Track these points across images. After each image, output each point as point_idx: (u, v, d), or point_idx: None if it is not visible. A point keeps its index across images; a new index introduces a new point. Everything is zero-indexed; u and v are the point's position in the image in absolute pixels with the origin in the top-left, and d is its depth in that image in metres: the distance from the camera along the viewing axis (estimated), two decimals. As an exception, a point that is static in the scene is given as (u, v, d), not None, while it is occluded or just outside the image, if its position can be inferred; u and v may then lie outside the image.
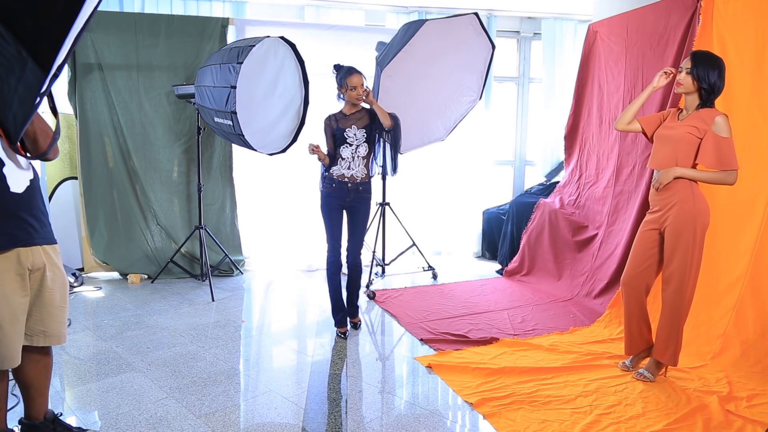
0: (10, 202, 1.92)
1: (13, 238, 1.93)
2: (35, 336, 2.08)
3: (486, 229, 5.90)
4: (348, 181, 3.48)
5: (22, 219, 1.95)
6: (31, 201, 1.98)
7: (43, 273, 2.04)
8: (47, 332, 2.09)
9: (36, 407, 2.21)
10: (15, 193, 1.92)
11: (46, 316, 2.08)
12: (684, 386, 2.87)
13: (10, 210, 1.92)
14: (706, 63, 2.74)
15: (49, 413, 2.24)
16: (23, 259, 1.96)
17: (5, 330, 1.92)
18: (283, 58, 3.82)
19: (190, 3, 5.04)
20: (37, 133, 1.92)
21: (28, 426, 2.22)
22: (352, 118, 3.50)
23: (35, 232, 1.99)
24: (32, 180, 2.00)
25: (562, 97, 5.74)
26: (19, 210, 1.94)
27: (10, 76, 1.47)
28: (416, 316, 3.98)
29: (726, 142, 2.71)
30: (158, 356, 3.26)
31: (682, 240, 2.80)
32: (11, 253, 1.93)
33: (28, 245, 1.97)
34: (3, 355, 1.94)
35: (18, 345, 1.98)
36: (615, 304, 3.80)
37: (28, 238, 1.97)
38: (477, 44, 4.39)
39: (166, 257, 4.85)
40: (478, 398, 2.73)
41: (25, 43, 1.42)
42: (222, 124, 3.69)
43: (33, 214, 1.98)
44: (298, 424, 2.55)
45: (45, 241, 2.04)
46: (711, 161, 2.74)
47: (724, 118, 2.72)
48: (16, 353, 1.98)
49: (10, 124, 1.55)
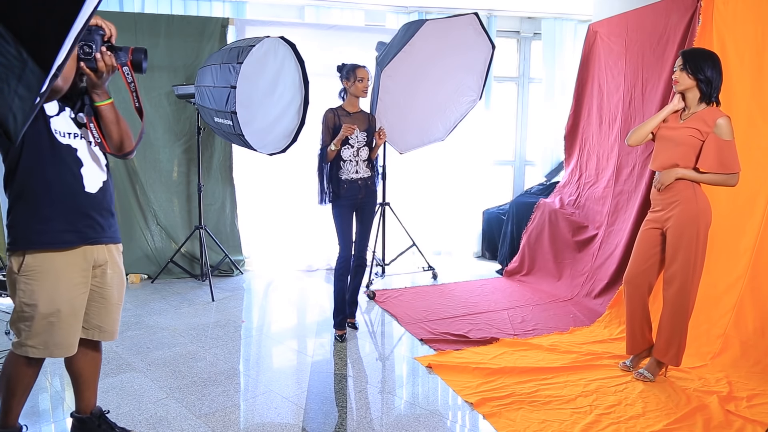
0: (83, 202, 2.01)
1: (82, 235, 2.01)
2: (91, 330, 2.16)
3: (486, 229, 5.90)
4: (358, 180, 3.49)
5: (92, 218, 2.04)
6: (102, 201, 2.07)
7: (104, 270, 2.12)
8: (103, 328, 2.18)
9: (84, 400, 2.27)
10: (89, 193, 2.02)
11: (104, 312, 2.16)
12: (684, 386, 2.87)
13: (83, 209, 2.01)
14: (698, 57, 2.75)
15: (96, 409, 2.30)
16: (88, 255, 2.05)
17: (64, 319, 2.00)
18: (283, 58, 3.82)
19: (190, 3, 5.04)
20: (123, 136, 2.06)
21: (77, 419, 2.29)
22: (354, 119, 3.48)
23: (102, 231, 2.08)
24: (105, 181, 2.09)
25: (562, 97, 5.74)
26: (90, 209, 2.03)
27: (10, 76, 1.47)
28: (416, 316, 3.98)
29: (728, 145, 2.70)
30: (158, 356, 3.26)
31: (684, 240, 2.80)
32: (78, 250, 2.02)
33: (95, 243, 2.06)
34: (58, 342, 2.01)
35: (75, 336, 2.06)
36: (615, 304, 3.80)
37: (96, 236, 2.06)
38: (477, 44, 4.39)
39: (166, 257, 4.85)
40: (478, 398, 2.73)
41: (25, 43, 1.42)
42: (222, 124, 3.69)
43: (102, 214, 2.07)
44: (298, 424, 2.55)
45: (110, 240, 2.13)
46: (712, 164, 2.72)
47: (726, 120, 2.70)
48: (72, 343, 2.06)
49: (10, 125, 1.55)
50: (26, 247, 1.95)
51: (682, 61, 2.78)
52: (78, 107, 2.02)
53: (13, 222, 1.97)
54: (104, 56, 1.88)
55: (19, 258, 1.96)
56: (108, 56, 1.89)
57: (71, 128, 2.01)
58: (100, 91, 1.98)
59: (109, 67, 1.91)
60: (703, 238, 2.81)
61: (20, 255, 1.96)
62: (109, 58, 1.90)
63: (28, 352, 2.00)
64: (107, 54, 1.89)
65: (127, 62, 1.94)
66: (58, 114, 1.97)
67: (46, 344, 2.00)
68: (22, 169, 1.93)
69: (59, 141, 1.96)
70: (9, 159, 1.93)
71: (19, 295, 1.97)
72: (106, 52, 1.89)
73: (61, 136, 1.97)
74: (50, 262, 1.97)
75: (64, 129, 1.98)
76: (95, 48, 1.86)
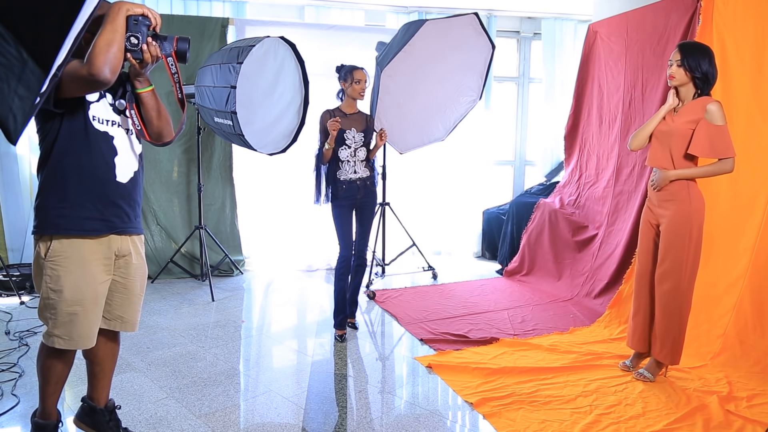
0: (113, 191, 2.01)
1: (109, 224, 2.01)
2: (114, 320, 2.15)
3: (486, 229, 5.90)
4: (356, 180, 3.49)
5: (121, 207, 2.04)
6: (132, 191, 2.07)
7: (128, 261, 2.12)
8: (125, 318, 2.17)
9: (99, 390, 2.26)
10: (120, 183, 2.02)
11: (126, 302, 2.16)
12: (684, 386, 2.87)
13: (112, 198, 2.01)
14: (696, 52, 2.73)
15: (110, 403, 2.30)
16: (113, 245, 2.05)
17: (87, 310, 2.00)
18: (283, 58, 3.82)
19: (190, 3, 5.04)
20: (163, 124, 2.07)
21: (89, 406, 2.28)
22: (351, 120, 3.50)
23: (129, 221, 2.08)
24: (136, 172, 2.08)
25: (562, 97, 5.74)
26: (119, 199, 2.03)
27: (10, 76, 1.47)
28: (416, 316, 3.98)
29: (719, 129, 2.68)
30: (158, 356, 3.26)
31: (677, 239, 2.80)
32: (104, 239, 2.02)
33: (121, 233, 2.06)
34: (81, 334, 2.01)
35: (95, 327, 2.05)
36: (615, 304, 3.80)
37: (123, 226, 2.05)
38: (477, 44, 4.38)
39: (166, 257, 4.84)
40: (478, 398, 2.73)
41: (25, 43, 1.42)
42: (222, 124, 3.69)
43: (130, 204, 2.07)
44: (298, 424, 2.55)
45: (135, 230, 2.13)
46: (704, 150, 2.71)
47: (717, 105, 2.70)
48: (93, 334, 2.05)
49: (10, 125, 1.55)
50: (53, 231, 1.95)
51: (680, 55, 2.74)
52: (119, 94, 2.00)
53: (42, 205, 1.96)
54: (150, 47, 1.87)
55: (47, 243, 1.95)
56: (154, 47, 1.88)
57: (110, 115, 1.99)
58: (142, 78, 1.97)
59: (154, 58, 1.89)
60: (696, 238, 2.81)
61: (47, 240, 1.95)
62: (154, 48, 1.88)
63: (55, 342, 1.99)
64: (153, 44, 1.88)
65: (172, 52, 1.92)
66: (98, 100, 1.96)
67: (71, 335, 1.99)
68: (56, 153, 1.92)
69: (96, 128, 1.95)
70: (45, 142, 1.93)
71: (46, 281, 1.96)
72: (152, 42, 1.88)
73: (99, 123, 1.96)
74: (77, 249, 1.96)
75: (102, 116, 1.97)
76: (141, 39, 1.84)
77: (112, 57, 1.73)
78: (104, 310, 2.11)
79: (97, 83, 1.74)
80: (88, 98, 1.92)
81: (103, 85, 1.76)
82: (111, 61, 1.73)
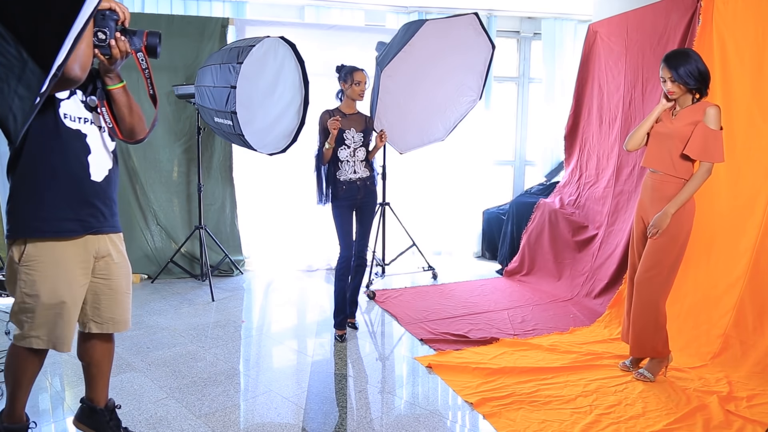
0: (88, 190, 1.96)
1: (85, 224, 1.97)
2: (105, 323, 2.12)
3: (486, 229, 5.90)
4: (356, 181, 3.49)
5: (96, 207, 2.00)
6: (107, 189, 2.03)
7: (108, 261, 2.08)
8: (115, 319, 2.14)
9: (97, 390, 2.24)
10: (94, 182, 1.97)
11: (114, 303, 2.12)
12: (684, 386, 2.87)
13: (88, 197, 1.97)
14: (681, 61, 2.71)
15: (110, 403, 2.28)
16: (90, 246, 2.01)
17: (66, 313, 1.97)
18: (283, 58, 3.82)
19: (190, 3, 5.04)
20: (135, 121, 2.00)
21: (89, 407, 2.26)
22: (351, 120, 3.50)
23: (105, 220, 2.04)
24: (111, 170, 2.04)
25: (562, 97, 5.74)
26: (95, 198, 1.99)
27: (10, 76, 1.47)
28: (416, 316, 3.98)
29: (714, 134, 2.71)
30: (158, 356, 3.26)
31: (661, 240, 2.82)
32: (80, 240, 1.98)
33: (98, 233, 2.02)
34: (59, 335, 1.98)
35: (73, 330, 2.02)
36: (615, 304, 3.80)
37: (99, 226, 2.01)
38: (477, 44, 4.38)
39: (166, 257, 4.85)
40: (478, 398, 2.73)
41: (25, 43, 1.42)
42: (222, 124, 3.69)
43: (106, 203, 2.03)
44: (298, 424, 2.55)
45: (113, 229, 2.09)
46: (696, 151, 2.73)
47: (715, 109, 2.72)
48: (71, 337, 2.02)
49: (10, 125, 1.55)
50: (27, 234, 1.91)
51: (670, 72, 2.72)
52: (89, 91, 1.96)
53: (14, 208, 1.92)
54: (119, 42, 1.82)
55: (20, 247, 1.91)
56: (122, 42, 1.83)
57: (81, 113, 1.95)
58: (112, 74, 1.92)
59: (123, 53, 1.85)
60: (682, 243, 2.84)
61: (21, 244, 1.91)
62: (123, 44, 1.84)
63: (32, 343, 1.95)
64: (121, 39, 1.83)
65: (142, 47, 1.87)
66: (69, 98, 1.92)
67: (49, 336, 1.96)
68: (27, 154, 1.87)
69: (67, 126, 1.90)
70: None
71: (20, 286, 1.92)
72: (121, 37, 1.83)
73: (70, 121, 1.91)
74: (53, 252, 1.92)
75: (74, 113, 1.92)
76: (109, 35, 1.79)
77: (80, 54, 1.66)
78: (94, 315, 2.08)
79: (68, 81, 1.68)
80: (58, 96, 1.87)
81: (73, 83, 1.71)
82: (80, 58, 1.66)
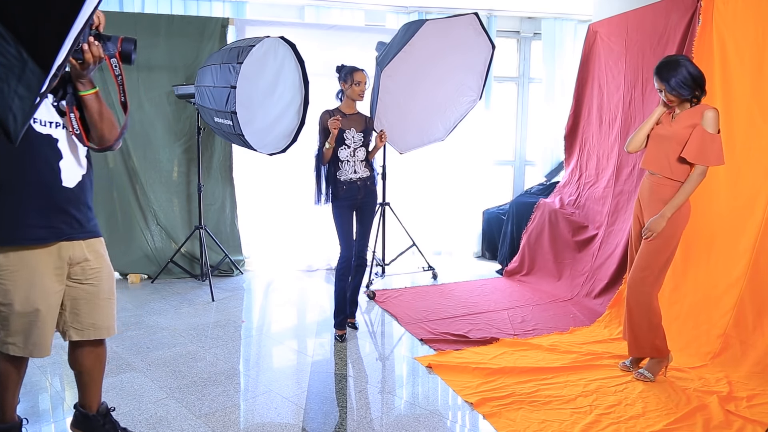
0: (60, 197, 1.92)
1: (57, 231, 1.93)
2: (86, 329, 2.08)
3: (486, 229, 5.90)
4: (357, 181, 3.49)
5: (69, 213, 1.95)
6: (80, 196, 1.98)
7: (85, 266, 2.04)
8: (97, 324, 2.10)
9: (89, 396, 2.22)
10: (66, 188, 1.93)
11: (94, 308, 2.08)
12: (684, 386, 2.87)
13: (59, 204, 1.92)
14: (672, 72, 2.72)
15: (102, 407, 2.26)
16: (63, 253, 1.97)
17: (41, 320, 1.95)
18: (283, 58, 3.82)
19: (190, 3, 5.04)
20: (106, 129, 1.94)
21: (81, 414, 2.24)
22: (351, 120, 3.50)
23: (80, 227, 1.99)
24: (84, 175, 2.00)
25: (562, 97, 5.74)
26: (67, 204, 1.94)
27: (10, 76, 1.46)
28: (416, 316, 3.98)
29: (711, 137, 2.72)
30: (158, 356, 3.26)
31: (655, 240, 2.83)
32: (53, 247, 1.94)
33: (71, 239, 1.98)
34: (35, 342, 1.97)
35: (50, 336, 2.00)
36: (615, 304, 3.80)
37: (72, 233, 1.97)
38: (477, 44, 4.38)
39: (166, 257, 4.84)
40: (478, 398, 2.73)
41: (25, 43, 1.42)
42: (222, 124, 3.69)
43: (80, 209, 1.99)
44: (298, 424, 2.55)
45: (89, 235, 2.04)
46: (693, 154, 2.73)
47: (713, 112, 2.73)
48: (48, 343, 2.00)
49: (10, 125, 1.55)
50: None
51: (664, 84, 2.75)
52: (60, 95, 1.89)
53: None
54: (92, 47, 1.76)
55: None
56: (96, 47, 1.77)
57: (52, 117, 1.89)
58: (84, 80, 1.86)
59: (96, 59, 1.78)
60: (674, 245, 2.86)
61: None
62: (96, 48, 1.77)
63: (9, 349, 1.95)
64: (95, 44, 1.77)
65: (116, 53, 1.81)
66: None
67: (25, 343, 1.95)
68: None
69: (37, 131, 1.83)
70: None
71: None
72: (94, 42, 1.77)
73: (41, 125, 1.85)
74: (25, 260, 1.89)
75: (44, 117, 1.86)
76: (82, 39, 1.73)
77: None
78: (74, 321, 2.05)
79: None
80: None
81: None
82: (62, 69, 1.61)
